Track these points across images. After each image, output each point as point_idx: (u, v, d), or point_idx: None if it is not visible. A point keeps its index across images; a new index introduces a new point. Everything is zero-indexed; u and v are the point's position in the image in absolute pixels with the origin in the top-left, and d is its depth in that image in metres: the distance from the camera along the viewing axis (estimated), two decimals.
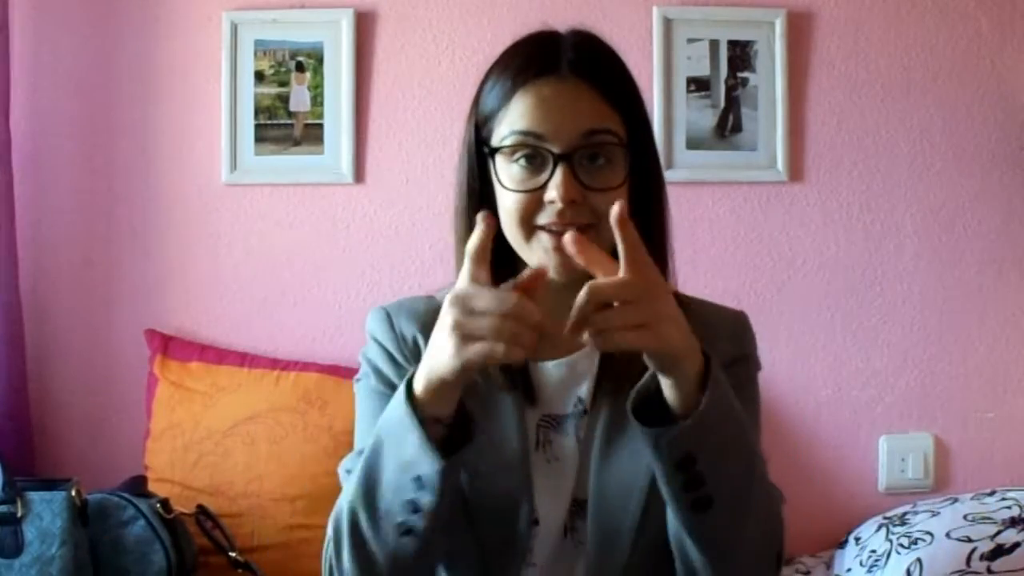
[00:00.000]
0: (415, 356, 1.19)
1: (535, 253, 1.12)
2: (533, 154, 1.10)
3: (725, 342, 1.19)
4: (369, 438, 1.08)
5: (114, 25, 2.29)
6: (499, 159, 1.12)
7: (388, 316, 1.24)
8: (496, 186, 1.13)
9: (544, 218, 1.09)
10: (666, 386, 1.00)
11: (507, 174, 1.11)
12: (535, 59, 1.12)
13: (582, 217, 1.09)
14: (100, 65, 2.29)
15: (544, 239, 1.10)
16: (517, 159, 1.10)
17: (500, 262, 1.13)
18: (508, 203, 1.11)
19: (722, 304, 1.27)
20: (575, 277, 1.09)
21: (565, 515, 1.16)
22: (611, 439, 1.15)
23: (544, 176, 1.09)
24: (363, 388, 1.24)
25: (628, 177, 1.11)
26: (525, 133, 1.09)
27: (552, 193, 1.08)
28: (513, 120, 1.10)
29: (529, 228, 1.11)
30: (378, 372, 1.23)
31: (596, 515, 1.14)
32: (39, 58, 2.28)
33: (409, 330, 1.21)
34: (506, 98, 1.11)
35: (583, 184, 1.08)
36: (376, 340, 1.24)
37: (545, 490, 1.16)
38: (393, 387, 1.20)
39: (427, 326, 1.16)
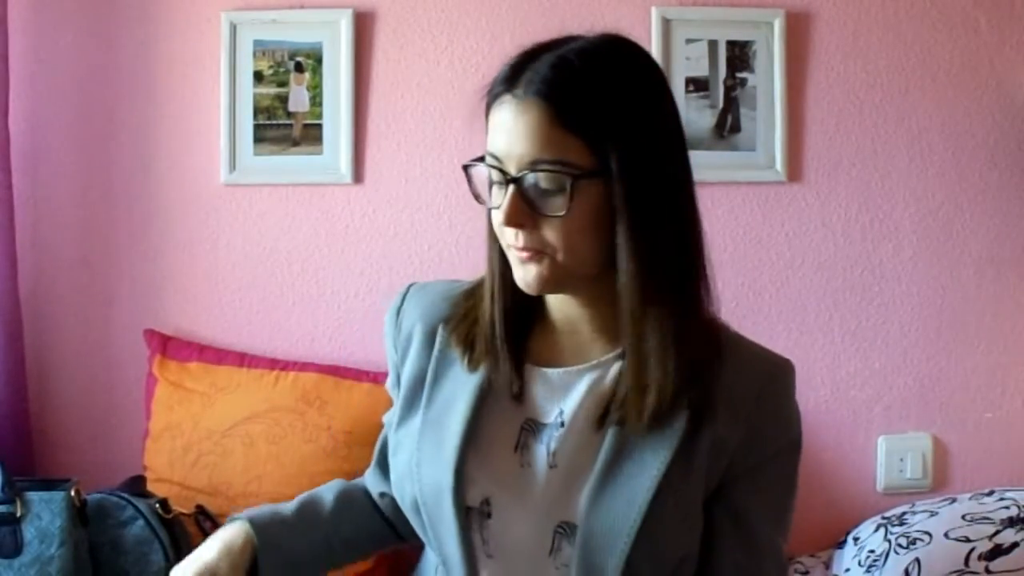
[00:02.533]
0: (405, 347, 1.28)
1: (511, 266, 1.16)
2: (496, 172, 1.13)
3: (745, 406, 1.16)
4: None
5: (113, 25, 2.29)
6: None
7: (402, 301, 1.31)
8: None
9: (503, 238, 1.14)
10: None
11: (488, 189, 1.16)
12: (503, 76, 1.12)
13: (533, 243, 1.11)
14: (99, 65, 2.29)
15: (513, 254, 1.14)
16: (491, 175, 1.14)
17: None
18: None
19: (767, 350, 1.23)
20: (547, 291, 1.16)
21: (551, 534, 1.15)
22: (605, 472, 1.14)
23: (502, 195, 1.12)
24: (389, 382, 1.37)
25: (584, 204, 1.08)
26: (491, 154, 1.12)
27: (498, 215, 1.12)
28: (488, 139, 1.13)
29: (504, 242, 1.16)
30: (390, 361, 1.33)
31: (583, 546, 1.13)
32: (38, 58, 2.28)
33: (409, 320, 1.29)
34: (486, 113, 1.14)
35: (531, 208, 1.10)
36: (385, 326, 1.33)
37: (511, 493, 1.16)
38: (395, 375, 1.32)
39: (429, 316, 1.27)
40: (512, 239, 1.12)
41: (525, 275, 1.13)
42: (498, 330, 1.19)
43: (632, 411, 1.13)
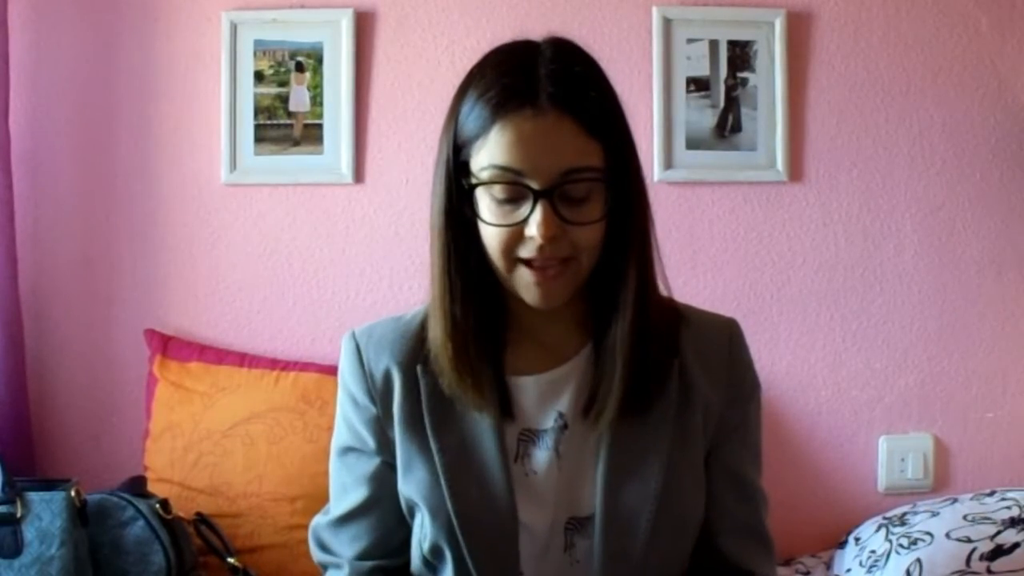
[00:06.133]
0: (384, 393, 1.21)
1: (517, 285, 1.12)
2: (512, 187, 1.09)
3: (720, 366, 1.22)
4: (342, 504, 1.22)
5: (114, 25, 2.29)
6: (478, 190, 1.11)
7: (358, 350, 1.23)
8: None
9: (525, 252, 1.10)
10: None
11: (486, 206, 1.10)
12: (513, 88, 1.08)
13: (562, 251, 1.09)
14: (100, 65, 2.29)
15: (525, 274, 1.11)
16: (495, 191, 1.09)
17: (483, 274, 1.15)
18: (488, 235, 1.11)
19: (713, 312, 1.28)
20: (563, 302, 1.14)
21: (561, 532, 1.17)
22: (612, 458, 1.16)
23: (524, 211, 1.08)
24: (334, 445, 1.28)
25: (607, 207, 1.10)
26: (504, 169, 1.08)
27: (532, 230, 1.07)
28: (492, 153, 1.08)
29: (510, 260, 1.11)
30: (347, 422, 1.25)
31: (605, 535, 1.15)
32: (39, 58, 2.28)
33: (379, 364, 1.21)
34: (484, 128, 1.09)
35: (563, 219, 1.08)
36: (343, 382, 1.25)
37: (526, 502, 1.17)
38: (358, 436, 1.23)
39: (399, 355, 1.20)
40: (535, 253, 1.09)
41: (546, 292, 1.11)
42: (472, 352, 1.15)
43: (622, 395, 1.14)
